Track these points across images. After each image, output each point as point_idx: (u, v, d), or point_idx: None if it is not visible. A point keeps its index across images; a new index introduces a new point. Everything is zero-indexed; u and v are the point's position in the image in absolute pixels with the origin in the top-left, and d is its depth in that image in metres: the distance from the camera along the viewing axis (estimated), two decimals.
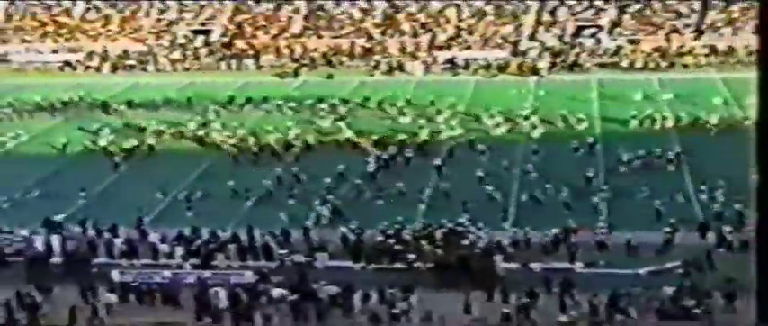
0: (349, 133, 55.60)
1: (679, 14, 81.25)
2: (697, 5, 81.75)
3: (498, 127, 56.84)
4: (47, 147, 56.15)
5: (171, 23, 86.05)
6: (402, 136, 54.43)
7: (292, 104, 63.08)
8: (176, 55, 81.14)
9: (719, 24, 79.81)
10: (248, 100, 64.58)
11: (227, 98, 65.29)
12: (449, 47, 79.81)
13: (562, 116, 58.00)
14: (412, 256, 37.06)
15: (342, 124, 57.70)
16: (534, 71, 72.74)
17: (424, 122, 58.29)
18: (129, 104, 64.99)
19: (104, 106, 64.57)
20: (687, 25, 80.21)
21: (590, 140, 53.07)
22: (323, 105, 62.19)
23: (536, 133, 55.62)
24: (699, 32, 79.41)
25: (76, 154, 54.48)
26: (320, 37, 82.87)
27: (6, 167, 52.82)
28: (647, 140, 52.21)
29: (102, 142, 55.67)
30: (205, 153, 54.20)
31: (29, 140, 57.88)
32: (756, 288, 7.01)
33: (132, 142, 55.32)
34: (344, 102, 63.42)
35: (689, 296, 32.80)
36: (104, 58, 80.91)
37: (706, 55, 75.48)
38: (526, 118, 58.17)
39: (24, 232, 40.53)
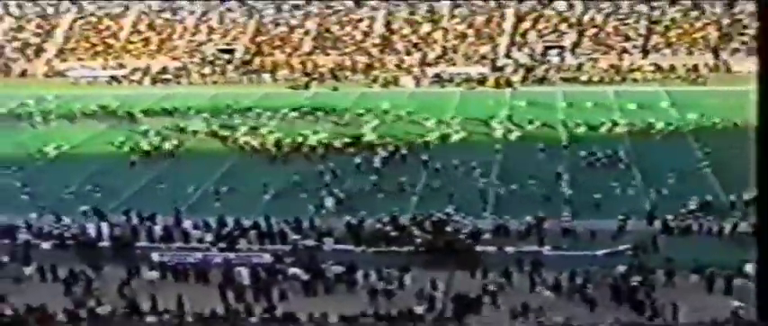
0: (373, 136, 55.57)
1: (628, 38, 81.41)
2: (643, 30, 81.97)
3: (496, 131, 56.86)
4: (100, 148, 55.97)
5: (201, 44, 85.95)
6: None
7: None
8: (206, 70, 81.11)
9: (661, 46, 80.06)
10: (268, 109, 64.44)
11: (246, 107, 65.16)
12: (436, 63, 79.80)
13: (543, 123, 58.23)
14: (418, 240, 37.09)
15: (367, 129, 57.51)
16: (508, 84, 72.75)
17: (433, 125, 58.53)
18: (165, 111, 65.12)
19: (144, 113, 64.56)
20: (635, 47, 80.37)
21: (562, 142, 53.55)
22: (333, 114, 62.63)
23: (513, 136, 55.62)
24: (645, 53, 79.60)
25: (123, 154, 54.08)
26: (327, 55, 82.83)
27: (62, 167, 52.42)
28: (604, 143, 52.23)
29: (144, 144, 55.55)
30: (229, 153, 54.05)
31: (80, 143, 57.69)
32: (756, 287, 6.82)
33: (171, 144, 55.35)
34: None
35: (637, 273, 32.88)
36: (145, 73, 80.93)
37: (652, 71, 75.69)
38: (514, 122, 58.87)
39: (66, 219, 40.88)
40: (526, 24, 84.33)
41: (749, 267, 32.74)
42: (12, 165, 51.39)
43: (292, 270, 34.41)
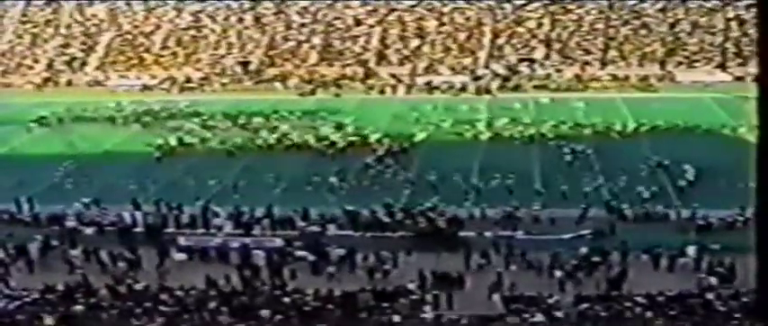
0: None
1: (589, 52, 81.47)
2: (601, 45, 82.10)
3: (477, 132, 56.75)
4: (135, 147, 55.72)
5: (222, 57, 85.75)
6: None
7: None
8: (225, 80, 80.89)
9: (616, 59, 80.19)
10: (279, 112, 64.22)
11: (260, 111, 64.65)
12: (425, 73, 79.67)
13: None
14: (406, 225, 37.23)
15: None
16: (487, 91, 72.70)
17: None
18: (190, 115, 64.67)
19: (172, 117, 64.40)
20: (595, 59, 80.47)
21: (534, 141, 53.74)
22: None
23: (492, 136, 55.59)
24: (603, 64, 79.70)
25: (155, 152, 53.81)
26: (331, 66, 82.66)
27: (104, 163, 52.33)
28: (570, 142, 52.14)
29: (173, 143, 55.40)
30: (246, 151, 53.79)
31: (119, 143, 57.66)
32: (756, 288, 6.61)
33: (195, 142, 55.37)
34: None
35: (596, 255, 32.96)
36: (173, 82, 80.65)
37: (609, 81, 75.76)
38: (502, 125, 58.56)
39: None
40: (502, 40, 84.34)
41: (690, 250, 33.01)
42: (62, 161, 51.15)
43: (300, 253, 34.43)
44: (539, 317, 27.30)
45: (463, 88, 74.18)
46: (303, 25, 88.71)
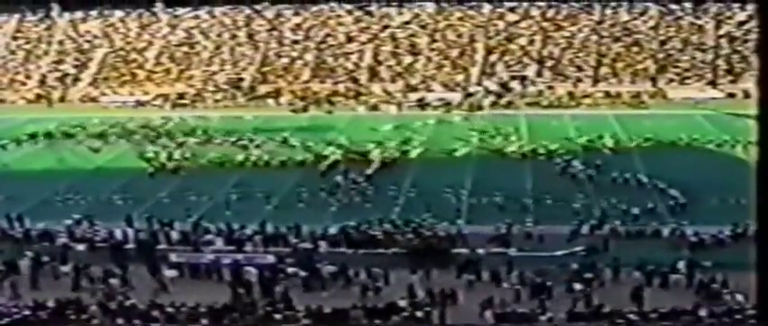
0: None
1: (580, 68, 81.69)
2: (593, 62, 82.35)
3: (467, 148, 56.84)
4: (128, 163, 55.55)
5: (214, 73, 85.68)
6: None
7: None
8: (218, 96, 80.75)
9: (608, 76, 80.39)
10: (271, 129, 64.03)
11: (253, 127, 64.70)
12: (417, 90, 79.68)
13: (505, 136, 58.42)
14: (399, 241, 37.03)
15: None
16: (479, 108, 72.73)
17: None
18: (182, 132, 64.21)
19: (165, 133, 64.06)
20: (587, 76, 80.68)
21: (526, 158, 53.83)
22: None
23: (482, 153, 55.69)
24: (595, 81, 79.90)
25: (147, 168, 53.68)
26: (323, 82, 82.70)
27: (96, 179, 52.14)
28: (561, 158, 52.14)
29: (164, 159, 55.20)
30: (238, 168, 53.54)
31: (111, 159, 57.39)
32: (757, 287, 6.47)
33: (188, 158, 55.11)
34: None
35: (588, 271, 32.84)
36: (166, 98, 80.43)
37: (601, 97, 75.92)
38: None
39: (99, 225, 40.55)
40: (494, 56, 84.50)
41: (681, 265, 32.99)
42: (53, 177, 50.81)
43: (292, 269, 34.23)
44: None
45: (456, 105, 74.03)
46: (296, 42, 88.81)
